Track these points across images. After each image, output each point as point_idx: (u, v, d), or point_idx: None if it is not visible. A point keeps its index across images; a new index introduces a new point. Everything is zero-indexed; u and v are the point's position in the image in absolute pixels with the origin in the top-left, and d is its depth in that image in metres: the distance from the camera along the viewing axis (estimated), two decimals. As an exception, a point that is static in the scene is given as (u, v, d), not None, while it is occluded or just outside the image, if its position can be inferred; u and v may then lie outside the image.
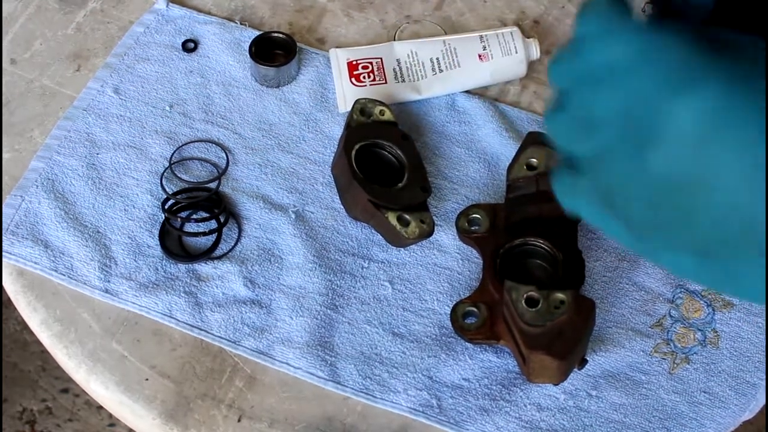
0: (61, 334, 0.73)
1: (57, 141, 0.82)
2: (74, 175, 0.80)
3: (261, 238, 0.78)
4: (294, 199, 0.80)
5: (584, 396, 0.71)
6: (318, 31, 0.92)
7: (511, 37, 0.87)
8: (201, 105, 0.85)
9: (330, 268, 0.76)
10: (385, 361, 0.72)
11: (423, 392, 0.71)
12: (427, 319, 0.74)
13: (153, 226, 0.78)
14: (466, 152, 0.83)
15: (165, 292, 0.74)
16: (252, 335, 0.73)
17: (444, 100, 0.87)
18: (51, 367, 1.51)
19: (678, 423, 0.70)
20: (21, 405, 1.49)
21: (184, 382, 0.71)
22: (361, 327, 0.73)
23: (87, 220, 0.78)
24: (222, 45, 0.89)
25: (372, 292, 0.75)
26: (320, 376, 0.71)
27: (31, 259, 0.75)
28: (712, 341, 0.74)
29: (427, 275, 0.76)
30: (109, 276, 0.75)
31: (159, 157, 0.82)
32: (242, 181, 0.81)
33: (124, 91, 0.86)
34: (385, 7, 0.94)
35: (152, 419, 0.69)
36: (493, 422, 0.69)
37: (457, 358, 0.72)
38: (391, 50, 0.88)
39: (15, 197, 0.78)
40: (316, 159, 0.83)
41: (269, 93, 0.87)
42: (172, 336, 0.73)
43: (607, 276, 0.76)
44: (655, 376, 0.72)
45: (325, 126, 0.85)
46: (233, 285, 0.75)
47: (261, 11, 0.93)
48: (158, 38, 0.90)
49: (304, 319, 0.73)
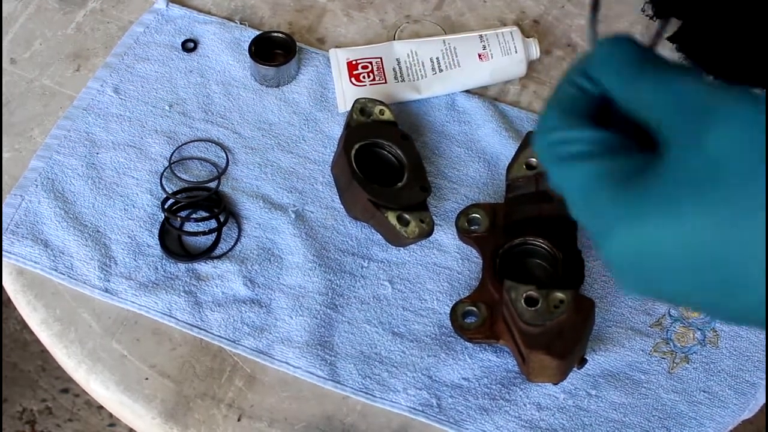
0: (61, 333, 0.73)
1: (57, 141, 0.82)
2: (74, 175, 0.80)
3: (261, 237, 0.78)
4: (294, 198, 0.80)
5: (584, 395, 0.71)
6: (318, 31, 0.92)
7: (511, 37, 0.87)
8: (201, 104, 0.85)
9: (330, 267, 0.76)
10: (384, 360, 0.72)
11: (423, 391, 0.71)
12: (427, 318, 0.74)
13: (153, 225, 0.78)
14: (465, 152, 0.83)
15: (165, 291, 0.74)
16: (252, 334, 0.73)
17: (444, 99, 0.87)
18: (51, 367, 1.51)
19: (677, 422, 0.70)
20: (21, 405, 1.49)
21: (184, 382, 0.71)
22: (361, 326, 0.73)
23: (87, 220, 0.78)
24: (222, 45, 0.89)
25: (372, 292, 0.75)
26: (320, 376, 0.71)
27: (31, 258, 0.75)
28: (711, 340, 0.74)
29: (427, 275, 0.76)
30: (108, 275, 0.75)
31: (159, 157, 0.82)
32: (242, 180, 0.81)
33: (124, 90, 0.86)
34: (385, 7, 0.94)
35: (152, 419, 0.69)
36: (493, 421, 0.69)
37: (456, 357, 0.72)
38: (390, 50, 0.88)
39: (15, 197, 0.78)
40: (316, 159, 0.83)
41: (269, 93, 0.87)
42: (172, 335, 0.73)
43: (607, 275, 0.76)
44: (654, 376, 0.72)
45: (324, 126, 0.85)
46: (233, 284, 0.75)
47: (261, 11, 0.93)
48: (158, 38, 0.90)
49: (304, 318, 0.73)
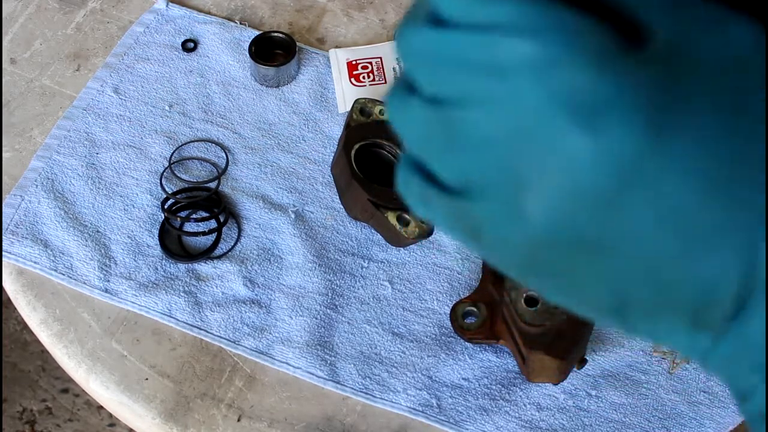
0: (61, 333, 0.73)
1: (57, 141, 0.82)
2: (74, 175, 0.80)
3: (261, 237, 0.78)
4: (294, 198, 0.80)
5: (584, 395, 0.71)
6: (318, 31, 0.92)
7: (511, 37, 0.87)
8: (200, 105, 0.85)
9: (330, 267, 0.76)
10: (384, 360, 0.72)
11: (422, 392, 0.71)
12: (427, 318, 0.74)
13: (153, 225, 0.78)
14: (465, 152, 0.83)
15: (165, 291, 0.74)
16: (251, 335, 0.73)
17: (444, 99, 0.87)
18: (51, 367, 1.51)
19: (677, 422, 0.70)
20: (21, 405, 1.49)
21: (184, 382, 0.71)
22: (361, 327, 0.73)
23: (87, 220, 0.78)
24: (222, 45, 0.89)
25: (372, 292, 0.75)
26: (320, 376, 0.71)
27: (31, 258, 0.75)
28: (711, 341, 0.74)
29: (427, 275, 0.76)
30: (108, 275, 0.75)
31: (159, 157, 0.82)
32: (242, 180, 0.81)
33: (124, 90, 0.86)
34: (385, 6, 0.94)
35: (152, 419, 0.69)
36: (493, 422, 0.69)
37: (456, 357, 0.72)
38: (390, 50, 0.88)
39: (15, 197, 0.78)
40: (316, 159, 0.83)
41: (269, 93, 0.87)
42: (172, 335, 0.73)
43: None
44: (654, 376, 0.72)
45: (324, 126, 0.85)
46: (233, 285, 0.75)
47: (261, 11, 0.93)
48: (158, 38, 0.90)
49: (304, 318, 0.73)
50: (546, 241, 0.24)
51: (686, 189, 0.22)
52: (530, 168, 0.23)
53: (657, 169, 0.22)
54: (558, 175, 0.23)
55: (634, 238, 0.23)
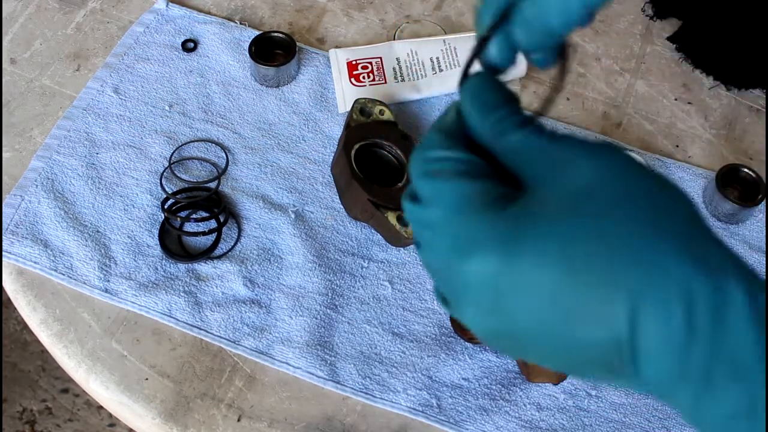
0: (61, 333, 0.73)
1: (57, 141, 0.82)
2: (74, 175, 0.80)
3: (261, 237, 0.78)
4: (294, 198, 0.80)
5: (584, 395, 0.71)
6: (318, 31, 0.92)
7: (511, 37, 0.87)
8: (201, 105, 0.85)
9: (330, 267, 0.76)
10: (384, 360, 0.72)
11: (422, 392, 0.71)
12: (427, 318, 0.74)
13: (153, 225, 0.78)
14: (465, 152, 0.83)
15: (165, 291, 0.74)
16: (251, 335, 0.73)
17: (444, 99, 0.87)
18: (51, 367, 1.51)
19: (678, 422, 0.70)
20: (21, 405, 1.49)
21: (184, 382, 0.71)
22: (361, 327, 0.73)
23: (87, 220, 0.78)
24: (222, 45, 0.89)
25: (372, 292, 0.75)
26: (320, 376, 0.71)
27: (31, 258, 0.75)
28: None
29: (427, 275, 0.76)
30: (108, 275, 0.75)
31: (159, 157, 0.82)
32: (242, 180, 0.81)
33: (124, 90, 0.86)
34: (385, 6, 0.94)
35: (152, 419, 0.69)
36: (493, 422, 0.69)
37: (456, 357, 0.72)
38: (390, 50, 0.88)
39: (15, 197, 0.78)
40: (316, 159, 0.83)
41: (269, 93, 0.87)
42: (172, 335, 0.73)
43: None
44: (654, 376, 0.72)
45: (324, 126, 0.85)
46: (233, 285, 0.75)
47: (261, 11, 0.93)
48: (158, 38, 0.90)
49: (304, 318, 0.73)
50: (486, 334, 0.34)
51: (542, 283, 0.31)
52: (455, 292, 0.34)
53: (513, 279, 0.31)
54: (463, 295, 0.33)
55: (525, 327, 0.32)
